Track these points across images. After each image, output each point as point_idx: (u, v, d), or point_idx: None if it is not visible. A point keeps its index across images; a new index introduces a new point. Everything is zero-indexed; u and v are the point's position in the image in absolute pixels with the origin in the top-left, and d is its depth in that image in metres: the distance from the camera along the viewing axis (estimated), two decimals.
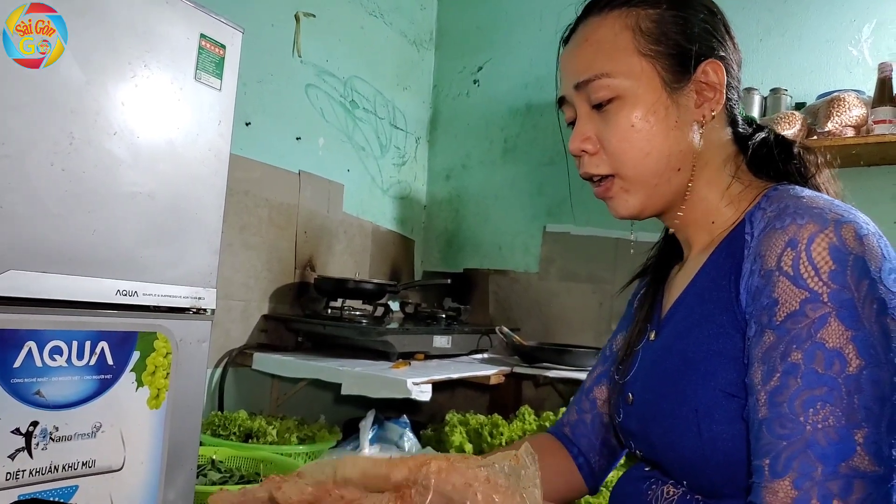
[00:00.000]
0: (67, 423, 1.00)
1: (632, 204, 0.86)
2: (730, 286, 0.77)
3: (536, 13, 3.04)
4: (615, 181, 0.86)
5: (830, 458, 0.62)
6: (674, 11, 0.84)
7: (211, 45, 1.23)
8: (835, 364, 0.64)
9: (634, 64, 0.83)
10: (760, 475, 0.66)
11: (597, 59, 0.84)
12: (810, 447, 0.63)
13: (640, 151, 0.82)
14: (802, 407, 0.64)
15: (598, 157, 0.86)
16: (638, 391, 0.90)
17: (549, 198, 2.91)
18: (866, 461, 0.61)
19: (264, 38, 2.36)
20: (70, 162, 1.02)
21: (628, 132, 0.82)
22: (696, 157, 0.84)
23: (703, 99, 0.84)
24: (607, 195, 0.88)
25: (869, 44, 2.28)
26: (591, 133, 0.86)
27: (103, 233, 1.07)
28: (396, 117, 3.10)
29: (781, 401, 0.66)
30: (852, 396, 0.63)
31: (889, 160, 2.15)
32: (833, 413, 0.63)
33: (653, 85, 0.82)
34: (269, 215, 2.33)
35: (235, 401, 2.17)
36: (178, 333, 1.17)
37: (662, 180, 0.84)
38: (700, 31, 0.84)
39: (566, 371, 2.22)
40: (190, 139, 1.21)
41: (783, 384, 0.66)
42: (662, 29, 0.83)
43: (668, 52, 0.83)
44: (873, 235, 0.69)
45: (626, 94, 0.82)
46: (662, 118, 0.82)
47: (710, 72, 0.84)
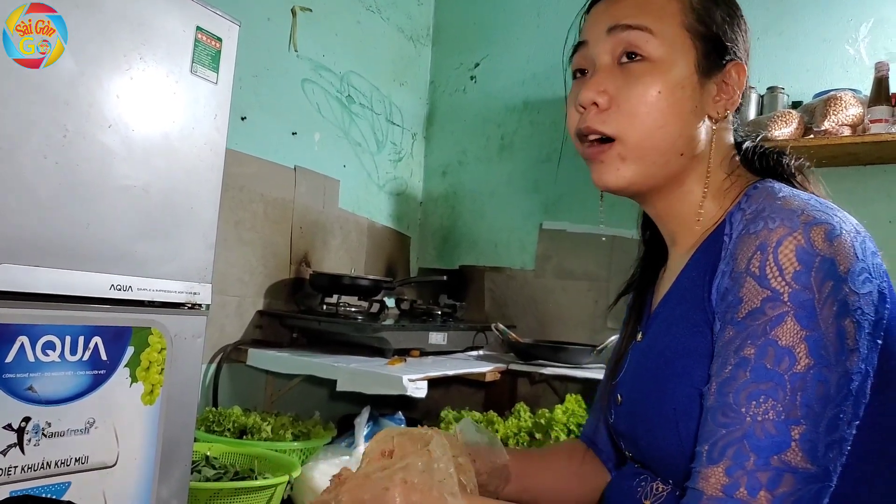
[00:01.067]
0: (60, 418, 0.99)
1: (622, 175, 0.82)
2: (704, 285, 0.77)
3: (534, 10, 3.03)
4: (614, 146, 0.81)
5: (764, 450, 0.63)
6: (722, 5, 0.85)
7: (207, 38, 1.22)
8: (784, 361, 0.65)
9: (677, 35, 0.81)
10: (699, 460, 0.68)
11: (643, 13, 0.81)
12: (747, 438, 0.64)
13: (655, 121, 0.79)
14: (746, 399, 0.65)
15: (606, 115, 0.81)
16: (626, 392, 0.90)
17: (545, 195, 2.90)
18: (799, 457, 0.63)
19: (260, 32, 2.34)
20: (63, 155, 1.01)
21: (652, 97, 0.79)
22: (699, 149, 0.83)
23: (721, 96, 0.84)
24: (599, 158, 0.83)
25: (866, 43, 2.29)
26: (610, 87, 0.81)
27: (97, 226, 1.06)
28: (393, 113, 3.09)
29: (728, 391, 0.67)
30: (796, 394, 0.64)
31: (885, 159, 2.15)
32: (774, 408, 0.64)
33: (687, 62, 0.81)
34: (265, 210, 2.32)
35: (230, 397, 2.16)
36: (172, 329, 1.16)
37: (662, 160, 0.82)
38: (737, 33, 0.86)
39: (562, 368, 2.22)
40: (185, 133, 1.20)
41: (732, 376, 0.68)
42: (711, 15, 0.83)
43: (709, 37, 0.82)
44: (848, 234, 0.69)
45: (660, 61, 0.80)
46: (686, 98, 0.81)
47: (734, 73, 0.84)
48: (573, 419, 1.91)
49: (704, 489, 0.65)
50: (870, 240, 0.72)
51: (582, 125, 0.83)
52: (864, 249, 0.70)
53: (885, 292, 0.72)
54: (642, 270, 1.01)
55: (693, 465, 0.68)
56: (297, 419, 1.98)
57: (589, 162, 0.85)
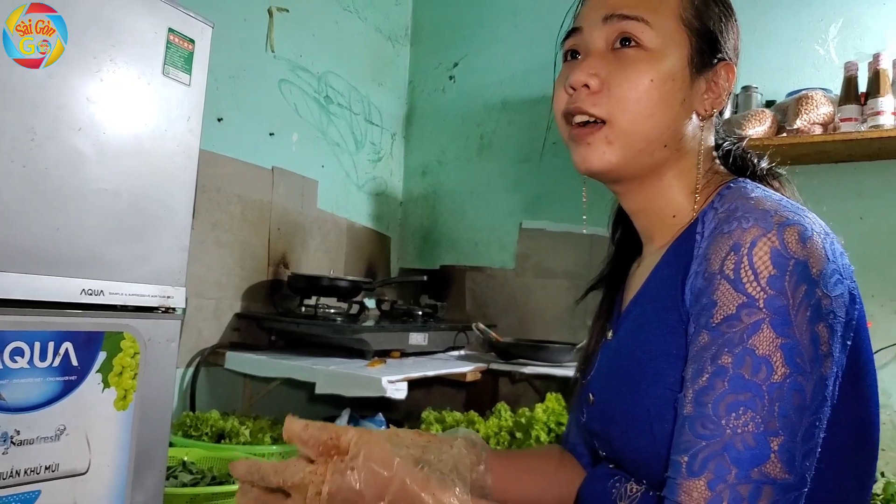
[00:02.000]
0: (30, 426, 0.97)
1: (607, 158, 0.81)
2: (677, 285, 0.77)
3: (512, 10, 3.04)
4: (602, 129, 0.81)
5: (744, 463, 0.63)
6: (718, 5, 0.86)
7: (179, 40, 1.21)
8: (761, 371, 0.65)
9: (674, 27, 0.82)
10: (677, 471, 0.67)
11: (641, 5, 0.82)
12: (727, 450, 0.64)
13: (645, 109, 0.80)
14: (726, 410, 0.65)
15: (597, 97, 0.81)
16: (598, 391, 0.90)
17: (524, 194, 2.91)
18: (778, 468, 0.63)
19: (237, 33, 2.33)
20: (31, 158, 0.99)
21: (645, 85, 0.79)
22: (683, 143, 0.84)
23: (709, 94, 0.84)
24: (586, 139, 0.82)
25: (835, 43, 2.32)
26: (602, 71, 0.81)
27: (67, 230, 1.05)
28: (372, 113, 3.08)
29: (707, 401, 0.67)
30: (773, 404, 0.64)
31: (856, 157, 2.18)
32: (753, 419, 0.64)
33: (681, 55, 0.81)
34: (242, 212, 2.30)
35: (208, 401, 2.14)
36: (145, 333, 1.15)
37: (648, 149, 0.81)
38: (730, 34, 0.86)
39: (542, 367, 2.23)
40: (158, 134, 1.19)
41: (710, 385, 0.67)
42: (707, 12, 0.84)
43: (704, 34, 0.83)
44: (819, 236, 0.70)
45: (654, 50, 0.80)
46: (677, 90, 0.81)
47: (723, 73, 0.84)
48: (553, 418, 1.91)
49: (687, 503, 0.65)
50: (837, 241, 0.73)
51: (571, 105, 0.83)
52: (833, 251, 0.70)
53: (854, 293, 0.73)
54: (612, 268, 1.01)
55: (670, 475, 0.68)
56: (276, 422, 1.96)
57: (573, 144, 0.84)
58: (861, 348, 0.74)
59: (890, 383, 2.15)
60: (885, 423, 2.14)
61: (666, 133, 0.81)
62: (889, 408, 2.15)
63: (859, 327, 0.73)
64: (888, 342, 2.14)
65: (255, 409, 2.22)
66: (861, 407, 0.75)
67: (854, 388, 0.73)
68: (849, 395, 0.72)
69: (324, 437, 0.74)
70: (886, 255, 2.17)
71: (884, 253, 2.17)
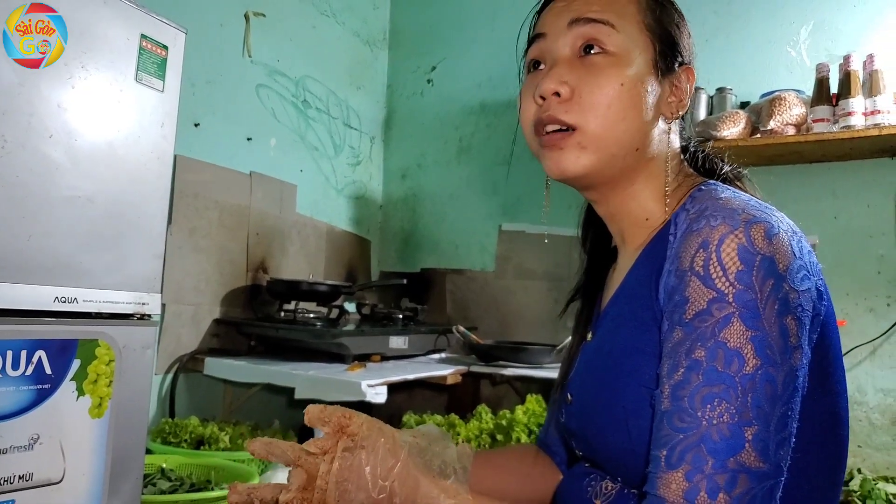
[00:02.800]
0: (2, 435, 0.96)
1: (581, 163, 0.82)
2: (651, 284, 0.78)
3: (489, 13, 3.05)
4: (574, 135, 0.81)
5: (720, 453, 0.65)
6: (674, 11, 0.88)
7: (152, 46, 1.21)
8: (734, 363, 0.66)
9: (637, 32, 0.83)
10: (657, 465, 0.68)
11: (607, 9, 0.83)
12: (704, 441, 0.66)
13: (617, 114, 0.80)
14: (701, 402, 0.67)
15: (568, 105, 0.81)
16: (576, 391, 0.91)
17: (504, 197, 2.92)
18: (753, 457, 0.65)
19: (213, 38, 2.32)
20: (2, 166, 0.99)
21: (616, 89, 0.80)
22: (652, 147, 0.85)
23: (673, 98, 0.86)
24: (559, 145, 0.82)
25: (806, 45, 2.36)
26: (571, 79, 0.81)
27: (40, 238, 1.04)
28: (350, 117, 3.08)
29: (683, 395, 0.68)
30: (746, 395, 0.66)
31: (829, 157, 2.22)
32: (728, 410, 0.65)
33: (646, 60, 0.83)
34: (220, 217, 2.29)
35: (187, 407, 2.13)
36: (121, 340, 1.14)
37: (621, 153, 0.82)
38: (686, 39, 0.88)
39: (523, 369, 2.24)
40: (131, 141, 1.18)
41: (686, 379, 0.69)
42: (665, 18, 0.86)
43: (665, 38, 0.85)
44: (785, 233, 0.71)
45: (621, 55, 0.81)
46: (645, 93, 0.82)
47: (684, 77, 0.86)
48: (534, 419, 1.92)
49: (666, 496, 0.66)
50: (805, 239, 0.75)
51: (543, 114, 0.83)
52: (800, 248, 0.72)
53: (822, 290, 0.74)
54: (588, 275, 1.02)
55: (650, 470, 0.69)
56: (256, 428, 1.96)
57: (544, 150, 0.84)
58: (829, 344, 0.76)
59: (865, 381, 2.18)
60: (860, 421, 2.17)
61: (637, 136, 0.83)
62: (864, 405, 2.18)
63: (827, 323, 0.75)
64: (862, 340, 2.17)
65: (235, 414, 2.21)
66: (830, 402, 0.77)
67: (823, 384, 0.75)
68: (818, 391, 0.74)
69: (338, 414, 0.78)
70: (860, 254, 2.20)
71: (858, 252, 2.20)
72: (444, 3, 3.21)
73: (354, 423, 0.77)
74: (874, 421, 2.17)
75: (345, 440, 0.75)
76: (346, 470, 0.73)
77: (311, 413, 0.79)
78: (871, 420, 2.17)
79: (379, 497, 0.72)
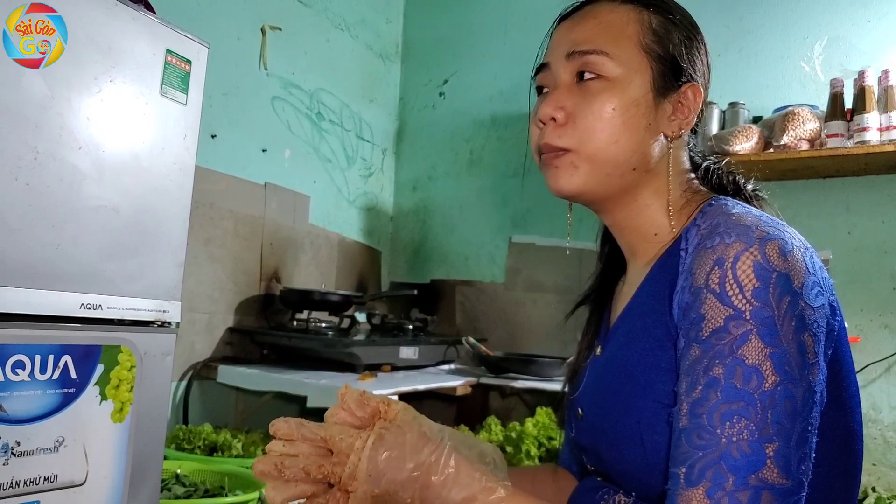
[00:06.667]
0: (30, 437, 0.99)
1: (575, 182, 0.85)
2: (664, 300, 0.79)
3: (501, 27, 3.09)
4: (568, 155, 0.85)
5: (742, 470, 0.65)
6: (681, 28, 0.89)
7: (177, 61, 1.24)
8: (752, 380, 0.67)
9: (634, 56, 0.85)
10: (676, 483, 0.69)
11: (601, 37, 0.85)
12: (724, 458, 0.66)
13: (609, 136, 0.83)
14: (720, 420, 0.67)
15: (562, 129, 0.85)
16: (586, 406, 0.91)
17: (514, 209, 2.95)
18: (775, 474, 0.65)
19: (230, 52, 2.36)
20: (34, 176, 1.02)
21: (607, 114, 0.83)
22: (653, 164, 0.87)
23: (676, 116, 0.87)
24: (554, 164, 0.86)
25: (820, 60, 2.37)
26: (567, 104, 0.85)
27: (67, 247, 1.07)
28: (363, 129, 3.11)
29: (701, 412, 0.68)
30: (766, 412, 0.66)
31: (843, 172, 2.22)
32: (748, 427, 0.66)
33: (643, 81, 0.84)
34: (235, 227, 2.33)
35: (200, 414, 2.16)
36: (142, 347, 1.17)
37: (616, 173, 0.85)
38: (695, 56, 0.89)
39: (532, 381, 2.25)
40: (155, 153, 1.21)
41: (704, 396, 0.69)
42: (668, 37, 0.87)
43: (665, 59, 0.86)
44: (798, 250, 0.72)
45: (616, 79, 0.84)
46: (641, 115, 0.84)
47: (689, 94, 0.87)
48: (544, 432, 1.93)
49: None
50: (816, 255, 0.76)
51: (540, 140, 0.87)
52: (813, 264, 0.73)
53: (835, 305, 0.75)
54: (599, 284, 1.04)
55: (670, 487, 0.69)
56: (268, 436, 1.97)
57: (544, 170, 0.88)
58: (842, 359, 0.76)
59: (880, 398, 2.16)
60: (875, 439, 2.14)
61: (633, 157, 0.84)
62: (879, 423, 2.16)
63: (840, 338, 0.76)
64: (877, 357, 2.15)
65: (247, 422, 2.24)
66: (844, 417, 0.77)
67: (836, 399, 0.75)
68: (832, 406, 0.74)
69: (377, 400, 0.77)
70: (875, 270, 2.19)
71: (872, 268, 2.19)
72: (457, 18, 3.24)
73: (392, 409, 0.76)
74: (889, 439, 2.14)
75: (382, 421, 0.75)
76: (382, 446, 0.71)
77: (349, 396, 0.78)
78: (885, 438, 2.15)
79: (413, 475, 0.71)
